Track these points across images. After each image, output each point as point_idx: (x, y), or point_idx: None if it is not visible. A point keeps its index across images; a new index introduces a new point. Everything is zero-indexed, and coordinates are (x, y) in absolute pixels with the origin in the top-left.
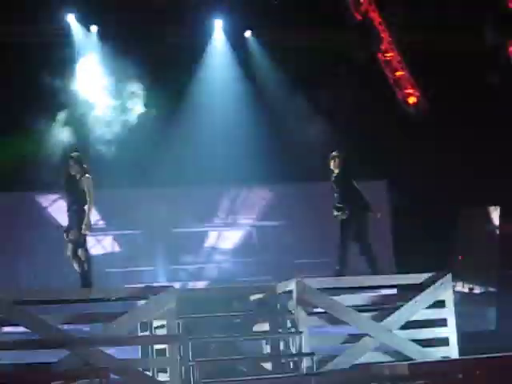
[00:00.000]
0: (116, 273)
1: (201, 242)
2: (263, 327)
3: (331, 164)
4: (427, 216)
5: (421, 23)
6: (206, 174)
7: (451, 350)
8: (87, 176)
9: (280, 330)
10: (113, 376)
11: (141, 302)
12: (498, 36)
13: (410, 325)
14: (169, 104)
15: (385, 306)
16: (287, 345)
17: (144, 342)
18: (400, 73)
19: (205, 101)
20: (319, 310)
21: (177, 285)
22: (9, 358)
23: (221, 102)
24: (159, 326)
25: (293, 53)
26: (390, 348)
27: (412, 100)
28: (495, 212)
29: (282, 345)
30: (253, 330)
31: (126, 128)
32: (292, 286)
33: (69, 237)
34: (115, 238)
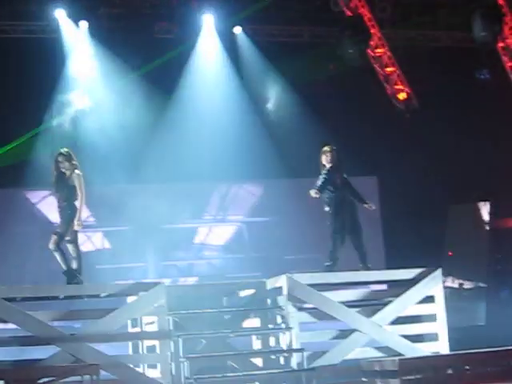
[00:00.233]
0: (106, 269)
1: (191, 238)
2: (253, 323)
3: (323, 158)
4: (417, 212)
5: (411, 19)
6: (196, 171)
7: (441, 345)
8: (77, 172)
9: (270, 326)
10: (103, 372)
11: (131, 299)
12: (487, 32)
13: (400, 320)
14: (158, 100)
15: (375, 302)
16: (277, 341)
17: (134, 339)
18: (390, 69)
19: (195, 97)
20: (309, 306)
21: (167, 281)
22: None
23: (211, 98)
24: (149, 323)
25: (283, 49)
26: (380, 343)
27: (402, 96)
28: (484, 208)
29: (273, 341)
30: (243, 326)
31: (117, 124)
32: (282, 282)
33: (55, 229)
34: (105, 235)
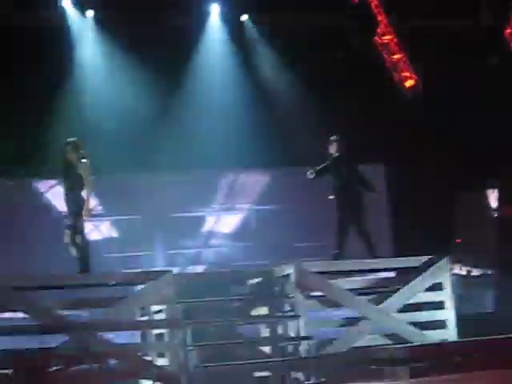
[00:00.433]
0: (114, 258)
1: (199, 227)
2: (261, 311)
3: (330, 148)
4: (424, 199)
5: (418, 5)
6: (204, 159)
7: (449, 333)
8: (84, 161)
9: (278, 314)
10: (112, 361)
11: (139, 287)
12: (495, 18)
13: (409, 308)
14: (166, 88)
15: (383, 290)
16: (285, 329)
17: (143, 327)
18: (397, 56)
19: (202, 85)
20: (317, 294)
21: (175, 269)
22: (8, 344)
23: (218, 87)
24: (158, 311)
25: (289, 37)
26: (389, 331)
27: (409, 83)
28: (493, 195)
29: (281, 329)
30: (251, 314)
31: (124, 113)
32: (290, 270)
33: (66, 223)
34: (113, 223)
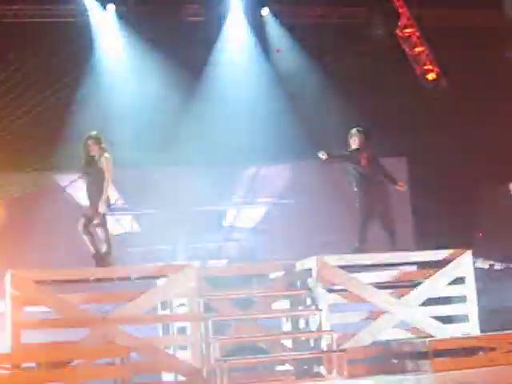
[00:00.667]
0: (136, 252)
1: (220, 221)
2: (283, 305)
3: (350, 141)
4: (447, 193)
5: None
6: (225, 153)
7: (472, 327)
8: (106, 155)
9: (300, 308)
10: (134, 354)
11: (161, 281)
12: None
13: (430, 301)
14: (188, 82)
15: (405, 283)
16: (307, 322)
17: (164, 320)
18: (419, 48)
19: (223, 79)
20: (339, 288)
21: (196, 263)
22: (31, 338)
23: (239, 81)
24: (179, 305)
25: (311, 30)
26: (411, 325)
27: (431, 76)
28: None
29: (302, 322)
30: (272, 308)
31: (147, 107)
32: (312, 264)
33: (84, 211)
34: (135, 217)
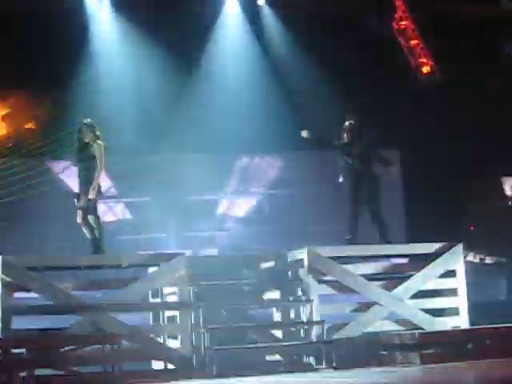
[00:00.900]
0: (128, 240)
1: (212, 210)
2: (274, 295)
3: (344, 133)
4: (439, 186)
5: None
6: (219, 142)
7: (462, 320)
8: (99, 142)
9: (290, 298)
10: (124, 342)
11: (152, 269)
12: None
13: (421, 294)
14: (182, 71)
15: (396, 275)
16: (297, 313)
17: (155, 309)
18: (414, 41)
19: (218, 69)
20: (330, 279)
21: (188, 252)
22: (21, 324)
23: (234, 70)
24: (170, 293)
25: (306, 21)
26: (401, 317)
27: (426, 69)
28: (507, 183)
29: (293, 313)
30: (263, 298)
31: (139, 96)
32: (303, 255)
33: (79, 203)
34: (127, 205)
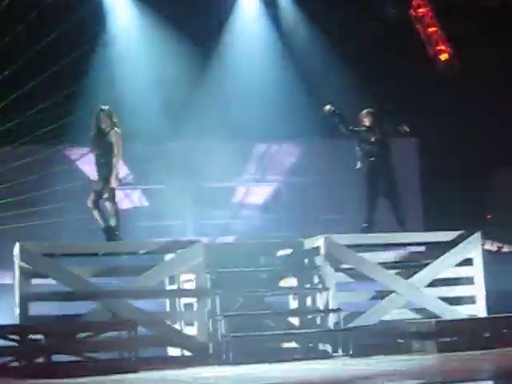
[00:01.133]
0: (144, 227)
1: (229, 197)
2: (290, 283)
3: (362, 121)
4: (456, 174)
5: None
6: (236, 130)
7: (479, 309)
8: (116, 130)
9: (307, 286)
10: (141, 328)
11: (169, 256)
12: None
13: (438, 283)
14: (199, 59)
15: (413, 264)
16: (314, 300)
17: (172, 296)
18: (432, 29)
19: (235, 56)
20: (346, 267)
21: (205, 239)
22: (38, 310)
23: (251, 57)
24: (187, 280)
25: (323, 8)
26: (417, 305)
27: (444, 57)
28: None
29: (309, 300)
30: (280, 286)
31: (157, 83)
32: (320, 242)
33: (93, 186)
34: (144, 192)
